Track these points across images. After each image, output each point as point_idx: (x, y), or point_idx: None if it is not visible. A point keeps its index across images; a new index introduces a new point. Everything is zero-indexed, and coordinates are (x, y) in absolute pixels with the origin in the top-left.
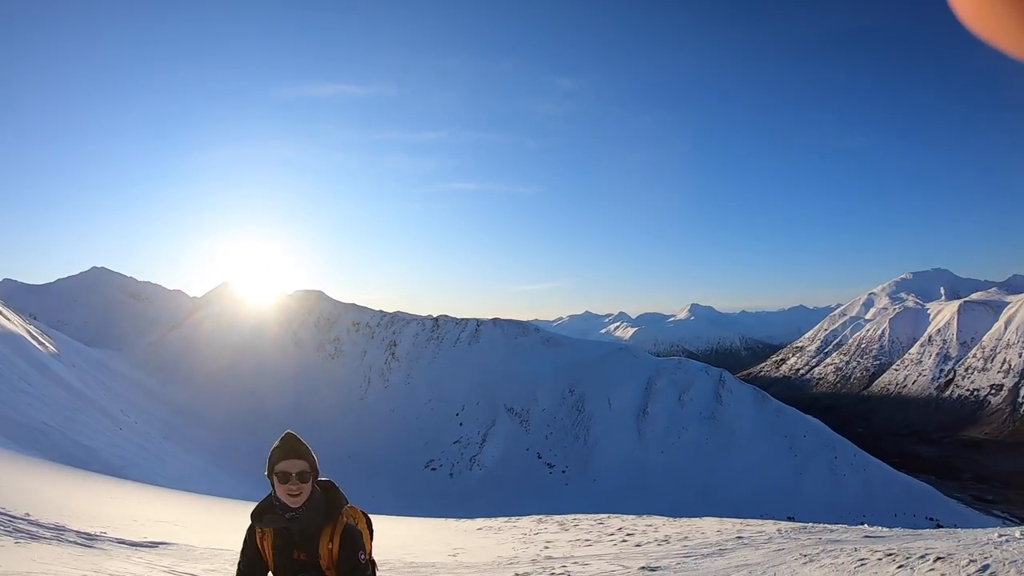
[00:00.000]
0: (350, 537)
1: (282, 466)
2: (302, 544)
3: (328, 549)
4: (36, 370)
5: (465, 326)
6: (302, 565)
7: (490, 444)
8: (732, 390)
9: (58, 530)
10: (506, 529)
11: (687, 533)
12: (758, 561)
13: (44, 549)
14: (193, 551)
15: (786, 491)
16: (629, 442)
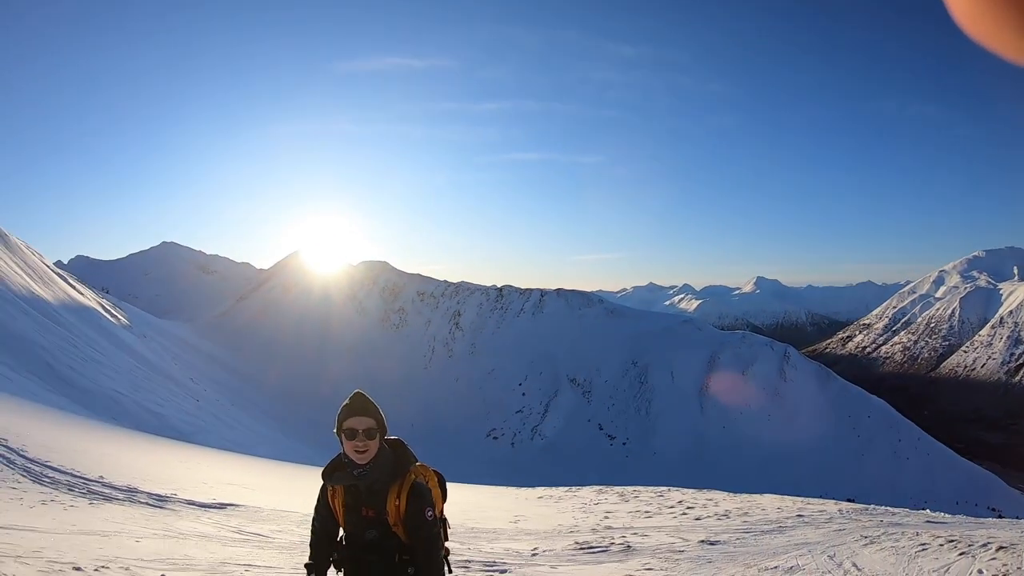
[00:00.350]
0: (417, 494)
1: (349, 423)
2: (370, 500)
3: (395, 505)
4: (109, 341)
5: (529, 296)
6: (370, 521)
7: (552, 414)
8: (797, 366)
9: (130, 492)
10: (567, 498)
11: (747, 509)
12: (818, 540)
13: (117, 509)
14: (260, 512)
15: (847, 472)
16: (691, 416)
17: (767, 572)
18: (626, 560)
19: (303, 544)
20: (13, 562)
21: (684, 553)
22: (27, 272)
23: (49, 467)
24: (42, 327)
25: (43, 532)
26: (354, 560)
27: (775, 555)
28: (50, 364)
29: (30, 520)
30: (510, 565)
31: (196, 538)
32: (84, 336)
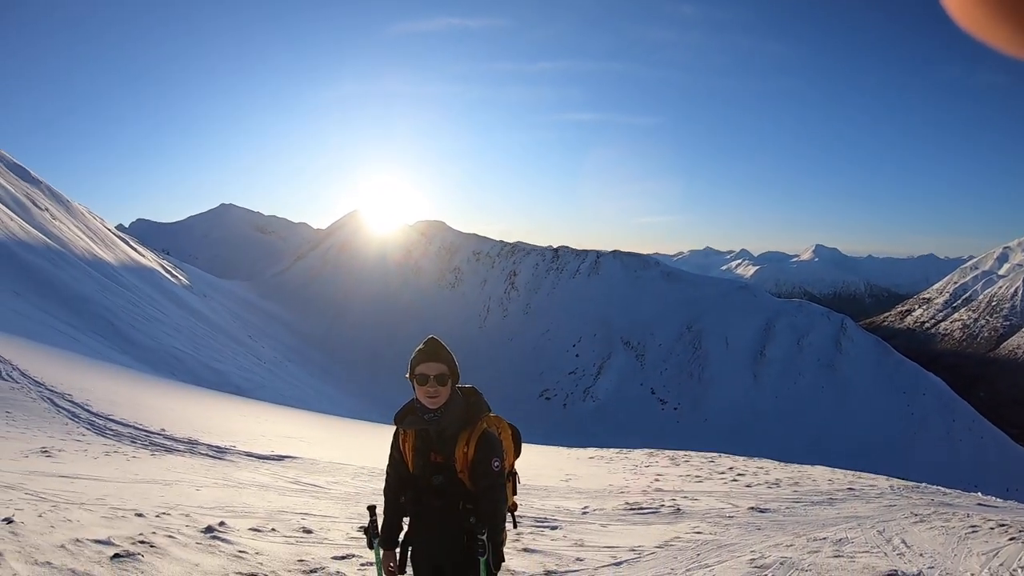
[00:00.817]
0: (486, 442)
1: (421, 368)
2: (439, 446)
3: (463, 452)
4: (170, 301)
5: (585, 257)
6: (437, 467)
7: (605, 376)
8: (853, 338)
9: (191, 444)
10: (617, 460)
11: (798, 479)
12: (868, 515)
13: (178, 460)
14: (316, 464)
15: (898, 449)
16: (743, 383)
17: (816, 542)
18: (676, 523)
19: (358, 495)
20: (78, 509)
21: (734, 519)
22: (89, 236)
23: (112, 420)
24: (105, 288)
25: (107, 481)
26: (418, 503)
27: (824, 526)
28: (113, 324)
29: (94, 470)
30: (561, 522)
31: (254, 488)
32: (146, 296)
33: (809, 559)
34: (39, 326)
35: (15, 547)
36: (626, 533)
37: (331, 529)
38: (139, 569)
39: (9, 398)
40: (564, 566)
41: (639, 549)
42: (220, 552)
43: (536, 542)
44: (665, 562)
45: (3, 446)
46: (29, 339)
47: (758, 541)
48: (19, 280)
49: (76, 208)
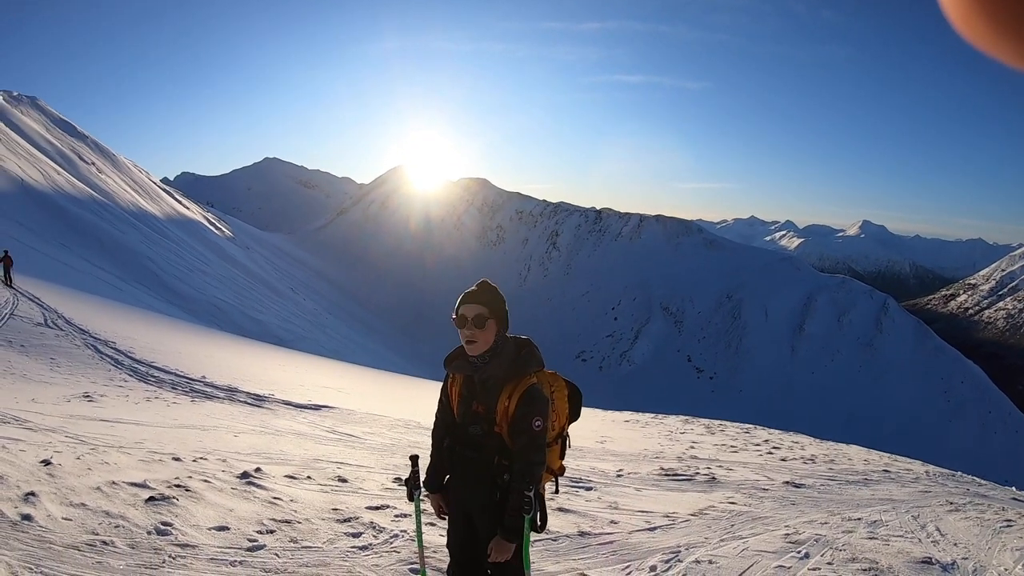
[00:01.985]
0: (529, 398)
1: (461, 310)
2: (482, 395)
3: (505, 406)
4: (213, 252)
5: (627, 220)
6: (475, 417)
7: (642, 341)
8: (895, 319)
9: (230, 391)
10: (652, 425)
11: (833, 456)
12: (903, 499)
13: (217, 407)
14: (353, 415)
15: (931, 436)
16: (781, 357)
17: (850, 522)
18: (710, 491)
19: (394, 446)
20: (116, 452)
21: (768, 492)
22: (135, 189)
23: (154, 367)
24: (150, 240)
25: (146, 425)
26: (454, 451)
27: (859, 507)
28: (157, 274)
29: (134, 415)
30: (596, 483)
31: (291, 435)
32: (190, 248)
33: (844, 538)
34: (85, 276)
35: (51, 488)
36: (660, 498)
37: (366, 479)
38: (173, 512)
39: (54, 345)
40: (598, 528)
41: (673, 516)
42: (255, 498)
43: (571, 502)
44: (699, 530)
45: (47, 391)
46: (75, 289)
47: (792, 516)
48: (66, 232)
49: (122, 162)
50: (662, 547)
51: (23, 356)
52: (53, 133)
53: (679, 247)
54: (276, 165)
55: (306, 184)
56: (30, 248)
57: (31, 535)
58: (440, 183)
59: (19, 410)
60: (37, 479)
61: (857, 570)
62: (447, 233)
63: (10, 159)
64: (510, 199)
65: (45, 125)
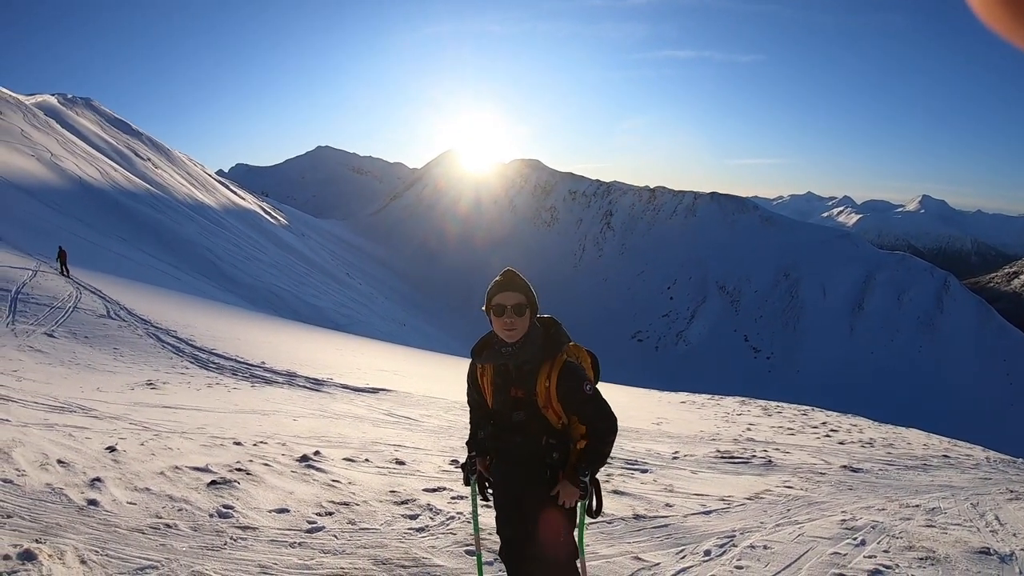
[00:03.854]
0: (570, 372)
1: (498, 299)
2: (519, 381)
3: (545, 387)
4: (269, 240)
5: (682, 199)
6: (517, 402)
7: (698, 321)
8: (956, 298)
9: (289, 376)
10: (709, 406)
11: (892, 440)
12: (962, 486)
13: (277, 392)
14: (410, 397)
15: (993, 419)
16: (839, 336)
17: (908, 509)
18: (766, 475)
19: (450, 428)
20: (179, 437)
21: (825, 476)
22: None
23: (215, 354)
24: (206, 231)
25: (208, 411)
26: (498, 440)
27: (917, 493)
28: (215, 264)
29: (196, 401)
30: (651, 465)
31: (349, 419)
32: (246, 237)
33: (901, 526)
34: (145, 268)
35: (116, 474)
36: (716, 481)
37: (423, 461)
38: (234, 495)
39: (117, 335)
40: (653, 511)
41: (729, 499)
42: (314, 481)
43: (626, 484)
44: (755, 515)
45: (111, 380)
46: (135, 281)
47: (849, 502)
48: (124, 227)
49: (177, 156)
50: (717, 531)
51: (87, 347)
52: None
53: (735, 225)
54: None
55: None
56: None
57: (97, 519)
58: (492, 165)
59: (84, 399)
60: (103, 465)
61: (913, 559)
62: (500, 215)
63: (68, 159)
64: (563, 179)
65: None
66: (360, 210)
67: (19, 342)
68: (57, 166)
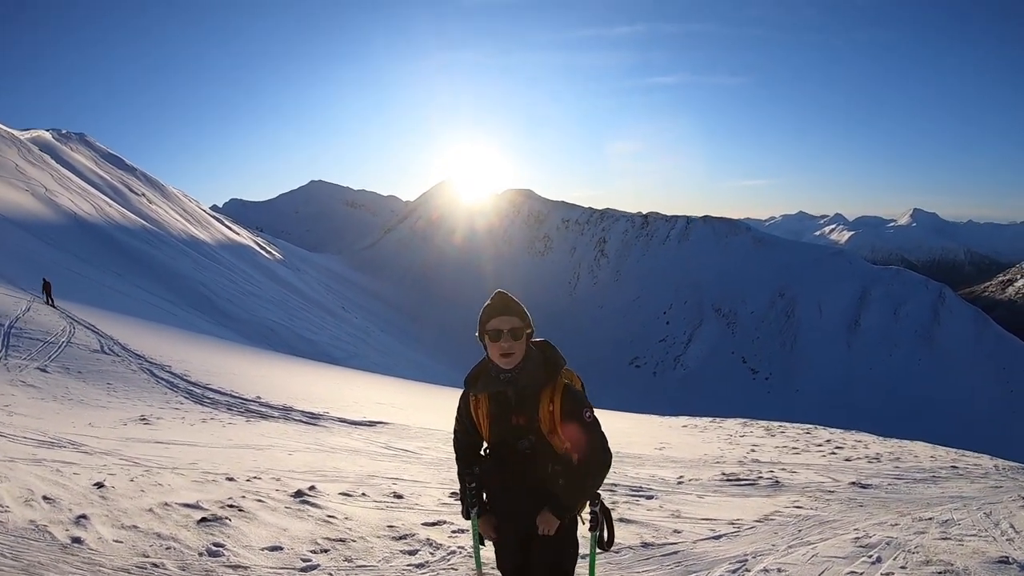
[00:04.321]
0: (572, 396)
1: (493, 323)
2: (520, 408)
3: (549, 411)
4: (264, 275)
5: (675, 223)
6: (520, 431)
7: (695, 344)
8: (952, 309)
9: (285, 410)
10: (711, 429)
11: (898, 454)
12: (973, 496)
13: (271, 426)
14: (408, 430)
15: (994, 428)
16: (837, 353)
17: (922, 523)
18: (775, 495)
19: (449, 460)
20: (170, 473)
21: (834, 494)
22: (185, 217)
23: (210, 389)
24: (201, 266)
25: (201, 446)
26: (503, 471)
27: (929, 506)
28: (210, 299)
29: (190, 436)
30: (656, 491)
31: (346, 452)
32: (241, 272)
33: (916, 540)
34: (139, 303)
35: (103, 511)
36: (724, 505)
37: (422, 495)
38: (225, 533)
39: (111, 371)
40: (661, 538)
41: (738, 523)
42: (309, 516)
43: (632, 512)
44: (765, 537)
45: (104, 415)
46: (130, 316)
47: (861, 518)
48: (120, 262)
49: (171, 192)
50: (728, 556)
51: (81, 382)
52: (103, 167)
53: (728, 247)
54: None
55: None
56: (86, 278)
57: (80, 558)
58: (485, 196)
59: (75, 434)
60: (89, 501)
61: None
62: (494, 245)
63: (63, 194)
64: (556, 208)
65: (95, 160)
66: (354, 243)
67: (11, 376)
68: (52, 201)
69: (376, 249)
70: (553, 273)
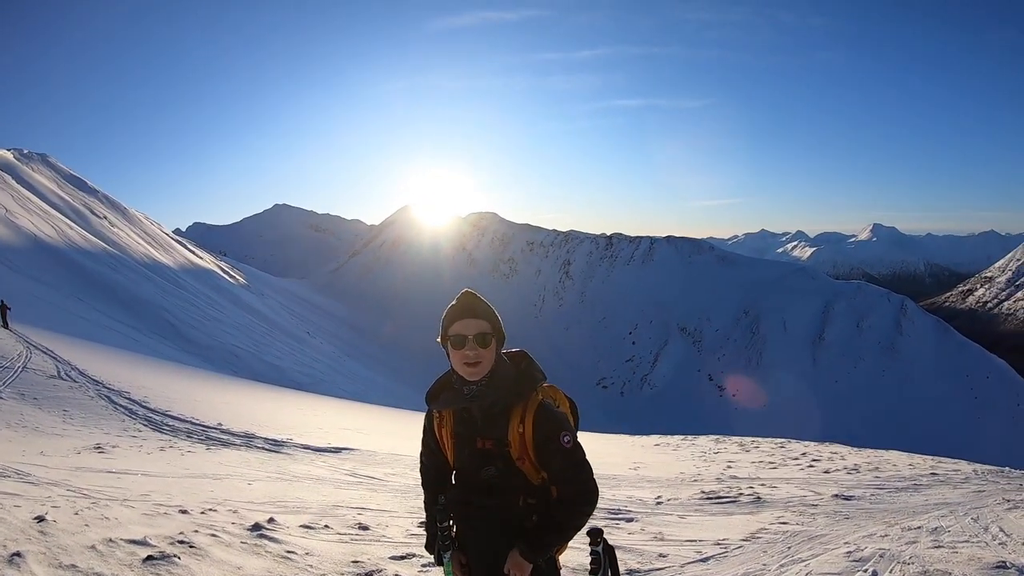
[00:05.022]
0: (547, 416)
1: (457, 327)
2: (486, 428)
3: (519, 433)
4: (228, 300)
5: (639, 244)
6: (486, 456)
7: (662, 364)
8: (914, 320)
9: (247, 438)
10: (684, 447)
11: (877, 464)
12: (958, 501)
13: (233, 454)
14: (374, 456)
15: (962, 435)
16: (802, 368)
17: (911, 532)
18: (758, 512)
19: (417, 488)
20: (119, 505)
21: (818, 508)
22: (147, 241)
23: (169, 416)
24: (163, 290)
25: (156, 476)
26: (465, 503)
27: (915, 514)
28: (172, 324)
29: (145, 465)
30: (636, 513)
31: (309, 481)
32: (204, 296)
33: (909, 550)
34: (99, 328)
35: (40, 548)
36: (707, 525)
37: (389, 525)
38: (172, 573)
39: (68, 397)
40: (647, 563)
41: (724, 543)
42: (266, 553)
43: (612, 536)
44: (755, 556)
45: (57, 444)
46: (89, 340)
47: (849, 531)
48: (80, 285)
49: (134, 215)
50: None
51: (36, 409)
52: (65, 189)
53: (692, 266)
54: (286, 211)
55: (317, 228)
56: (45, 302)
57: None
58: (449, 219)
59: (23, 463)
60: (27, 537)
61: None
62: (459, 268)
63: (23, 216)
64: (520, 231)
65: (56, 181)
66: (319, 268)
67: None
68: (11, 222)
69: (341, 273)
70: (518, 295)
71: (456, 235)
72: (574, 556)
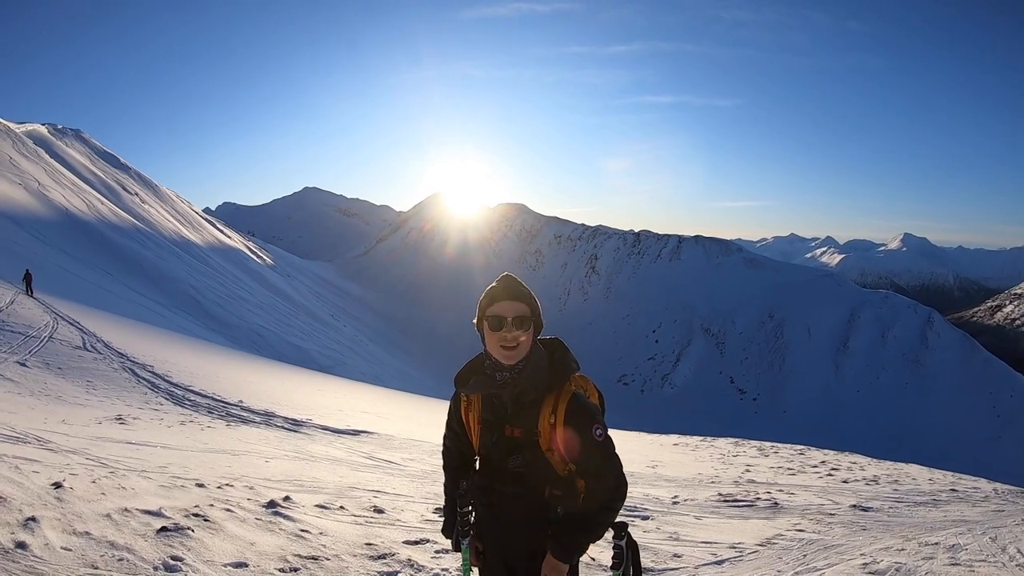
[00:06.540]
0: (579, 407)
1: (496, 309)
2: (516, 416)
3: (549, 424)
4: (255, 280)
5: (666, 242)
6: (513, 445)
7: (684, 364)
8: (940, 333)
9: (267, 416)
10: (702, 448)
11: (896, 477)
12: (976, 519)
13: (252, 431)
14: (392, 440)
15: (981, 453)
16: (825, 376)
17: (928, 548)
18: (774, 518)
19: (435, 473)
20: (137, 476)
21: (835, 517)
22: (177, 219)
23: (191, 391)
24: (191, 268)
25: (174, 449)
26: (490, 492)
27: (933, 530)
28: (199, 301)
29: (165, 438)
30: (652, 512)
31: (326, 462)
32: (231, 275)
33: (925, 566)
34: (126, 303)
35: (56, 514)
36: (723, 527)
37: (404, 509)
38: (186, 545)
39: (92, 368)
40: (661, 563)
41: (740, 547)
42: (280, 530)
43: None
44: (770, 562)
45: (79, 413)
46: (116, 314)
47: (866, 543)
48: (109, 260)
49: (165, 192)
50: None
51: (60, 378)
52: (97, 165)
53: (719, 267)
54: (316, 194)
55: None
56: (74, 275)
57: (21, 565)
58: (478, 209)
59: (45, 430)
60: (43, 503)
61: None
62: (486, 259)
63: (55, 189)
64: (548, 223)
65: (89, 157)
66: (346, 252)
67: None
68: (44, 196)
69: (368, 258)
70: (544, 288)
71: (484, 225)
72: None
